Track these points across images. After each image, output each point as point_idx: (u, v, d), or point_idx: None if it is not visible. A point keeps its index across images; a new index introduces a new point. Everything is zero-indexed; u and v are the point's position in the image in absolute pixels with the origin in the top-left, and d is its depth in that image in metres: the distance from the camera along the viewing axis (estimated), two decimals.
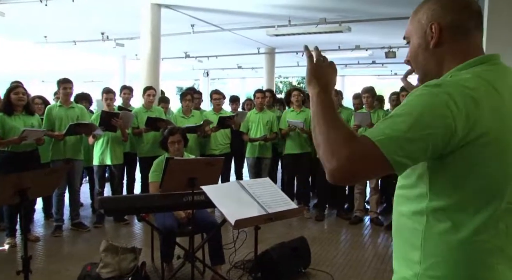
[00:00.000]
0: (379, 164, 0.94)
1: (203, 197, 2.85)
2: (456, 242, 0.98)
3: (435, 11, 1.07)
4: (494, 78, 1.01)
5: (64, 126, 4.76)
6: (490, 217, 0.97)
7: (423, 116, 0.93)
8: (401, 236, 1.09)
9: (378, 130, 0.96)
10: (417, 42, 1.11)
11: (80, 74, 16.31)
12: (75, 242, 4.71)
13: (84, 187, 6.21)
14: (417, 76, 1.16)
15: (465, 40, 1.06)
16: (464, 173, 0.97)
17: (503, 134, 0.96)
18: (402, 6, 6.76)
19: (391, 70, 16.37)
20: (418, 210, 1.03)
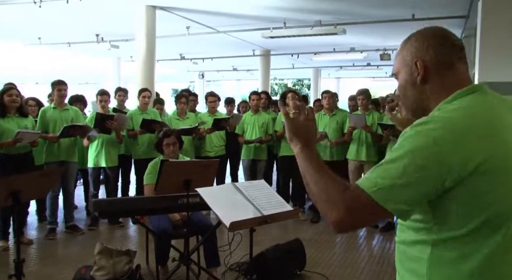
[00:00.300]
0: (377, 213, 0.97)
1: (198, 199, 2.84)
2: (467, 270, 0.97)
3: (417, 48, 1.09)
4: (482, 107, 1.01)
5: (58, 128, 4.74)
6: (498, 245, 0.97)
7: (414, 159, 0.94)
8: (404, 265, 1.08)
9: (370, 180, 0.97)
10: (405, 78, 1.12)
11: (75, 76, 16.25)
12: (69, 245, 4.68)
13: (79, 190, 6.18)
14: (407, 111, 1.17)
15: (450, 73, 1.07)
16: (467, 204, 0.96)
17: (500, 161, 0.95)
18: (397, 8, 6.81)
19: (386, 72, 16.43)
20: (421, 240, 1.02)
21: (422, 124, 0.98)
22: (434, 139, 0.94)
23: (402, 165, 0.94)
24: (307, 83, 21.87)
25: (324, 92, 5.82)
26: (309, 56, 11.74)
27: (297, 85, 23.24)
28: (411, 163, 0.93)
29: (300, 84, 23.34)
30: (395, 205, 0.95)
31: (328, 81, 18.83)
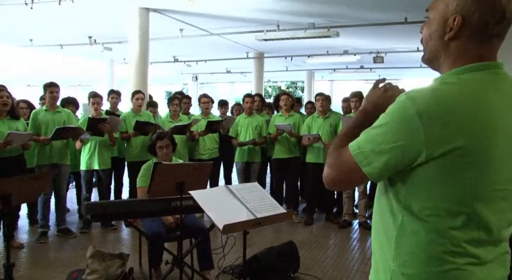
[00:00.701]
0: (357, 174, 1.05)
1: (192, 202, 2.82)
2: (425, 242, 1.01)
3: (467, 3, 1.00)
4: (488, 87, 1.00)
5: (50, 130, 4.70)
6: (463, 222, 0.99)
7: (394, 129, 0.98)
8: (377, 233, 1.13)
9: (357, 142, 1.05)
10: (435, 26, 1.06)
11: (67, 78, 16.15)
12: (61, 248, 4.64)
13: (71, 193, 6.13)
14: (423, 54, 1.14)
15: (481, 45, 1.02)
16: (438, 180, 0.99)
17: (482, 145, 0.96)
18: (390, 12, 6.85)
19: (379, 75, 16.51)
20: (394, 210, 1.06)
21: (414, 92, 1.00)
22: (417, 112, 0.95)
23: (383, 132, 1.00)
24: (301, 85, 21.92)
25: (318, 94, 5.84)
26: (303, 59, 11.77)
27: (291, 88, 23.28)
28: (391, 131, 0.99)
29: (294, 86, 23.40)
30: (370, 169, 1.02)
31: (322, 83, 18.89)
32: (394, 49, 9.99)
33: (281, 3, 6.60)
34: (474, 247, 1.00)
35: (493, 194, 1.00)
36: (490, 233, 1.01)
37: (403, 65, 12.39)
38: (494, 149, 0.97)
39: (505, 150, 0.98)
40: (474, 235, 1.00)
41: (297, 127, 5.80)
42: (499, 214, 1.02)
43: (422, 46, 1.14)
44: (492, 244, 1.03)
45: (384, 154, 0.99)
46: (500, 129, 0.97)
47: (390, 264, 1.06)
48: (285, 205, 5.95)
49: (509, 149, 0.99)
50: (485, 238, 1.01)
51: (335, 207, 5.98)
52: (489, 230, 1.01)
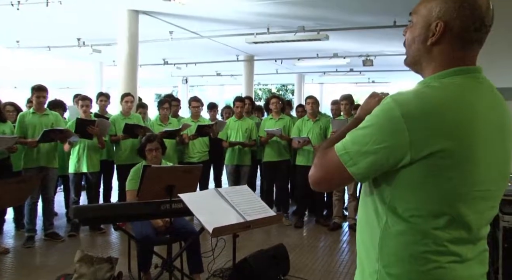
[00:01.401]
0: (343, 175, 1.06)
1: (181, 205, 2.81)
2: (409, 243, 1.03)
3: (449, 10, 1.03)
4: (469, 90, 1.03)
5: (37, 133, 4.64)
6: (445, 222, 1.01)
7: (379, 130, 1.00)
8: (362, 234, 1.15)
9: (343, 143, 1.06)
10: (419, 31, 1.08)
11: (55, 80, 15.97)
12: (48, 253, 4.57)
13: (59, 196, 6.06)
14: (406, 57, 1.16)
15: (462, 50, 1.05)
16: (422, 181, 1.01)
17: (464, 147, 0.98)
18: (379, 15, 6.91)
19: (368, 78, 16.65)
20: (379, 211, 1.08)
21: (399, 95, 1.02)
22: (403, 114, 0.97)
23: (369, 134, 1.01)
24: (291, 88, 21.99)
25: (308, 97, 5.86)
26: (293, 62, 11.81)
27: (281, 90, 23.34)
28: (376, 133, 1.00)
29: (284, 89, 23.46)
30: (355, 169, 1.03)
31: (312, 86, 18.97)
32: (383, 52, 10.07)
33: (271, 6, 6.62)
34: (456, 246, 1.03)
35: (474, 195, 1.03)
36: (470, 232, 1.04)
37: (392, 68, 12.50)
38: (476, 151, 1.00)
39: (485, 151, 1.02)
40: (456, 234, 1.02)
41: (287, 130, 5.82)
42: (479, 213, 1.05)
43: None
44: (472, 243, 1.06)
45: (370, 155, 1.01)
46: (481, 131, 1.00)
47: (375, 265, 1.07)
48: (275, 208, 5.96)
49: (489, 151, 1.02)
50: (466, 237, 1.04)
51: (325, 210, 5.99)
52: (470, 229, 1.04)
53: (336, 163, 1.05)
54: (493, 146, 1.03)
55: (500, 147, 1.06)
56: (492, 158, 1.03)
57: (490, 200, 1.07)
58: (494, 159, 1.04)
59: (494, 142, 1.03)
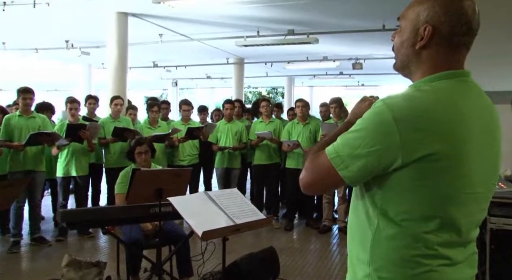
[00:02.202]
0: (334, 178, 1.06)
1: (171, 209, 2.79)
2: (401, 246, 1.03)
3: (436, 14, 1.04)
4: (459, 94, 1.04)
5: (24, 137, 4.57)
6: (436, 225, 1.02)
7: (371, 133, 1.00)
8: (353, 237, 1.14)
9: (334, 146, 1.06)
10: (407, 35, 1.10)
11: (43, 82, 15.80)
12: (35, 258, 4.50)
13: (46, 200, 5.98)
14: (395, 61, 1.17)
15: (450, 53, 1.07)
16: (414, 184, 1.01)
17: (455, 150, 0.99)
18: (368, 19, 6.96)
19: (358, 81, 16.76)
20: (370, 215, 1.08)
21: (390, 98, 1.02)
22: (394, 117, 0.98)
23: (361, 137, 1.01)
24: (281, 91, 22.04)
25: (298, 100, 5.87)
26: (283, 65, 11.84)
27: (271, 93, 23.37)
28: (368, 136, 1.00)
29: (274, 92, 23.50)
30: (347, 172, 1.03)
31: (302, 89, 19.03)
32: (372, 55, 10.15)
33: (261, 9, 6.63)
34: (446, 249, 1.03)
35: (464, 197, 1.04)
36: (460, 235, 1.05)
37: (381, 71, 12.59)
38: (466, 154, 1.01)
39: (474, 155, 1.02)
40: (446, 237, 1.03)
41: (278, 133, 5.82)
42: (469, 216, 1.06)
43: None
44: (462, 245, 1.07)
45: (361, 158, 1.01)
46: (470, 135, 1.01)
47: (366, 268, 1.07)
48: (265, 211, 5.95)
49: (478, 154, 1.03)
50: (456, 240, 1.05)
51: (315, 213, 6.01)
52: (460, 232, 1.05)
53: (327, 166, 1.05)
54: (482, 149, 1.04)
55: (489, 150, 1.07)
56: (481, 161, 1.04)
57: (480, 202, 1.08)
58: (483, 162, 1.05)
59: (483, 145, 1.04)
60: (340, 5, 6.40)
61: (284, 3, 6.06)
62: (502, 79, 3.76)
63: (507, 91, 3.72)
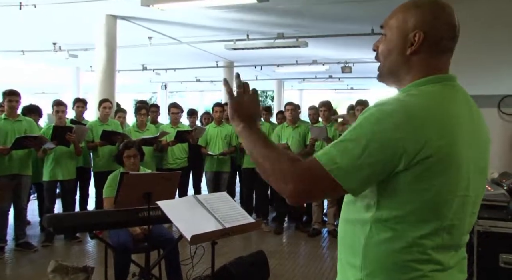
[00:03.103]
0: (332, 188, 1.00)
1: (160, 213, 2.77)
2: (394, 251, 1.02)
3: (426, 20, 1.06)
4: (448, 97, 1.05)
5: (10, 140, 4.49)
6: (430, 229, 1.02)
7: (373, 142, 0.96)
8: (345, 242, 1.13)
9: (330, 156, 0.99)
10: (395, 42, 1.10)
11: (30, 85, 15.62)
12: (20, 264, 4.42)
13: (32, 204, 5.89)
14: (378, 71, 1.17)
15: (438, 57, 1.09)
16: (410, 189, 1.00)
17: (450, 152, 1.00)
18: (357, 23, 7.02)
19: (347, 85, 16.89)
20: (363, 219, 1.06)
21: (383, 104, 1.00)
22: (394, 124, 0.96)
23: (361, 146, 0.97)
24: (270, 94, 22.10)
25: (287, 104, 5.88)
26: (272, 68, 11.88)
27: (261, 97, 23.41)
28: (370, 145, 0.96)
29: (264, 95, 23.55)
30: (350, 183, 0.98)
31: (291, 92, 19.11)
32: (361, 59, 10.23)
33: (250, 13, 6.65)
34: (438, 254, 1.03)
35: (458, 200, 1.04)
36: (453, 239, 1.05)
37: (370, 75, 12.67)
38: (459, 157, 1.01)
39: (466, 157, 1.03)
40: (439, 241, 1.03)
41: None
42: (462, 220, 1.06)
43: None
44: (454, 250, 1.07)
45: (364, 168, 0.97)
46: (461, 137, 1.02)
47: (358, 273, 1.06)
48: (255, 214, 5.94)
49: (469, 157, 1.04)
50: (449, 244, 1.05)
51: (305, 216, 6.01)
52: (453, 236, 1.05)
53: (324, 177, 0.98)
54: (472, 153, 1.05)
55: (478, 153, 1.08)
56: (471, 164, 1.05)
57: (472, 206, 1.09)
58: (473, 166, 1.06)
59: (473, 149, 1.05)
60: (329, 9, 6.44)
61: (274, 7, 6.08)
62: (489, 83, 3.82)
63: (494, 95, 3.78)
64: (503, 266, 2.62)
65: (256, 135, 1.13)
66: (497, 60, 3.82)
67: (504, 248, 2.64)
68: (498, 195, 2.95)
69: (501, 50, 3.80)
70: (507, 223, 2.67)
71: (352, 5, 6.15)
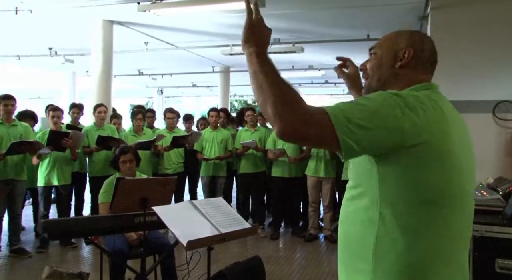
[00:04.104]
0: (328, 135, 0.99)
1: (155, 218, 2.75)
2: (404, 250, 1.03)
3: (416, 42, 1.24)
4: (439, 100, 1.13)
5: (5, 145, 4.47)
6: (434, 222, 1.04)
7: (378, 111, 1.01)
8: (349, 245, 1.13)
9: (338, 108, 1.02)
10: (386, 58, 1.25)
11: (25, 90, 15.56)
12: (14, 270, 4.38)
13: (27, 210, 5.85)
14: (365, 85, 1.32)
15: (423, 71, 1.24)
16: (410, 179, 1.03)
17: (445, 145, 1.05)
18: (353, 29, 7.06)
19: (343, 90, 16.92)
20: (368, 219, 1.07)
21: (394, 93, 1.08)
22: (400, 105, 1.03)
23: (369, 111, 1.01)
24: None
25: None
26: None
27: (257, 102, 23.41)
28: (375, 113, 1.01)
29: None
30: (347, 138, 0.99)
31: None
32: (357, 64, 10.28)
33: None
34: (445, 250, 1.06)
35: (463, 196, 1.09)
36: (460, 239, 1.10)
37: None
38: (455, 149, 1.08)
39: (461, 152, 1.10)
40: (447, 237, 1.06)
41: (263, 141, 5.82)
42: (468, 215, 1.12)
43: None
44: (457, 245, 1.10)
45: (365, 129, 0.99)
46: (454, 132, 1.09)
47: (368, 278, 1.06)
48: (251, 220, 5.93)
49: (463, 153, 1.11)
50: (456, 243, 1.08)
51: (301, 221, 6.00)
52: (459, 230, 1.09)
53: (325, 123, 0.98)
54: (465, 151, 1.11)
55: (468, 154, 1.14)
56: (466, 161, 1.11)
57: (472, 201, 1.15)
58: (467, 163, 1.12)
59: (464, 148, 1.12)
60: (325, 15, 6.48)
61: (270, 13, 6.11)
62: (484, 89, 3.84)
63: (489, 100, 3.80)
64: (499, 271, 2.63)
65: (269, 62, 1.13)
66: (492, 66, 3.85)
67: (500, 253, 2.65)
68: (494, 200, 2.96)
69: (496, 56, 3.83)
70: (503, 228, 2.68)
71: (348, 10, 6.19)
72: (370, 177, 1.06)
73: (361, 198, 1.09)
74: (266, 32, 1.22)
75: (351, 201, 1.13)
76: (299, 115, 1.00)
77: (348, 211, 1.14)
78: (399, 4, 5.51)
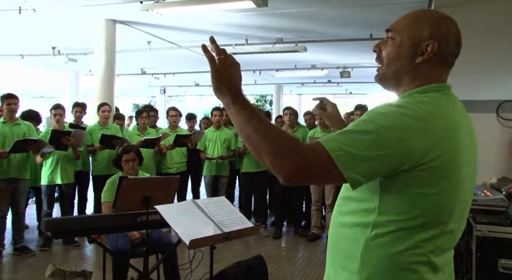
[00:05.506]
0: (331, 175, 0.97)
1: (158, 217, 2.76)
2: (392, 254, 1.02)
3: (442, 34, 1.09)
4: (451, 106, 1.08)
5: (8, 143, 4.49)
6: (433, 235, 1.03)
7: (381, 137, 0.96)
8: (339, 246, 1.12)
9: (336, 143, 0.97)
10: (406, 48, 1.11)
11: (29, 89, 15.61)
12: (17, 268, 4.40)
13: (31, 208, 5.87)
14: (379, 72, 1.17)
15: (443, 69, 1.13)
16: (414, 193, 1.01)
17: (453, 158, 1.02)
18: (356, 28, 7.05)
19: (346, 89, 16.91)
20: (363, 222, 1.06)
21: (396, 106, 1.02)
22: (406, 125, 0.97)
23: (370, 140, 0.96)
24: (269, 99, 22.12)
25: (286, 108, 5.89)
26: (271, 73, 11.88)
27: (260, 101, 23.44)
28: (378, 140, 0.96)
29: (262, 100, 23.59)
30: (352, 173, 0.96)
31: (290, 97, 19.12)
32: (360, 64, 10.26)
33: (249, 18, 6.66)
34: (435, 256, 1.05)
35: (458, 206, 1.06)
36: (450, 243, 1.08)
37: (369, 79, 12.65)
38: (460, 161, 1.04)
39: (466, 163, 1.06)
40: (438, 244, 1.04)
41: None
42: (460, 224, 1.10)
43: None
44: (449, 252, 1.10)
45: (369, 160, 0.96)
46: (462, 143, 1.04)
47: (354, 277, 1.06)
48: (254, 219, 5.93)
49: (468, 162, 1.06)
50: (446, 247, 1.07)
51: (303, 220, 6.00)
52: (451, 239, 1.08)
53: (326, 162, 0.96)
54: (469, 158, 1.08)
55: (473, 159, 1.11)
56: (469, 170, 1.07)
57: (467, 210, 1.12)
58: (470, 171, 1.09)
59: (470, 155, 1.08)
60: (328, 14, 6.47)
61: (273, 12, 6.10)
62: (488, 88, 3.83)
63: (492, 100, 3.79)
64: (502, 271, 2.62)
65: (249, 109, 1.07)
66: (496, 65, 3.83)
67: (503, 253, 2.64)
68: (497, 200, 2.95)
69: (500, 56, 3.82)
70: (506, 228, 2.67)
71: (351, 10, 6.18)
72: (372, 184, 1.04)
73: (358, 201, 1.07)
74: (233, 71, 1.15)
75: (347, 201, 1.12)
76: (298, 163, 0.97)
77: (342, 211, 1.13)
78: (402, 3, 5.49)
